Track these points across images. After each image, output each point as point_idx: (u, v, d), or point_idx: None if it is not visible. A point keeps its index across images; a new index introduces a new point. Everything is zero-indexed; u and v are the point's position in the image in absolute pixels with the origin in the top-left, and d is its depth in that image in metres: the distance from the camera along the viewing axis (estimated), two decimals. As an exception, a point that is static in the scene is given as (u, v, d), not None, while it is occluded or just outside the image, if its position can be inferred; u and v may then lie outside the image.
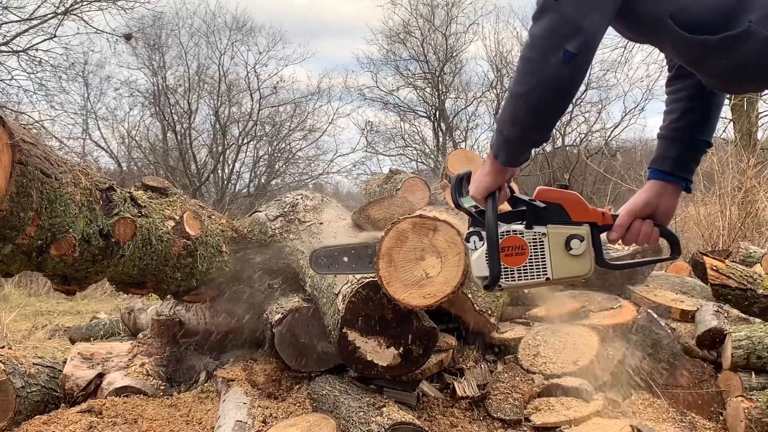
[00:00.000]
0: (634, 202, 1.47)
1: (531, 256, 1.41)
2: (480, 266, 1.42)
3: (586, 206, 1.43)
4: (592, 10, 1.19)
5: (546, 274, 1.42)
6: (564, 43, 1.18)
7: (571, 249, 1.41)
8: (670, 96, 1.48)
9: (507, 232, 1.41)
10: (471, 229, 1.45)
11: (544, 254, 1.41)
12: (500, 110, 1.34)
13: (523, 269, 1.42)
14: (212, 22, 18.11)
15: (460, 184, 1.47)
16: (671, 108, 1.47)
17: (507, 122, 1.30)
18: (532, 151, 1.39)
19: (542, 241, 1.41)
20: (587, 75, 1.44)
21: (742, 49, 1.16)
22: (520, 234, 1.41)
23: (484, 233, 1.41)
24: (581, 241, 1.41)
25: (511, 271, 1.42)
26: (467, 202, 1.46)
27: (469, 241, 1.44)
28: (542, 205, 1.42)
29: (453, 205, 1.52)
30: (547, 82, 1.23)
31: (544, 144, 1.48)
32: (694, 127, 1.44)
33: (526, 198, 1.45)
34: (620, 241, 1.47)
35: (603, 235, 1.46)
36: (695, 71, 1.31)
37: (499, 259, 1.40)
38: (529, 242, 1.41)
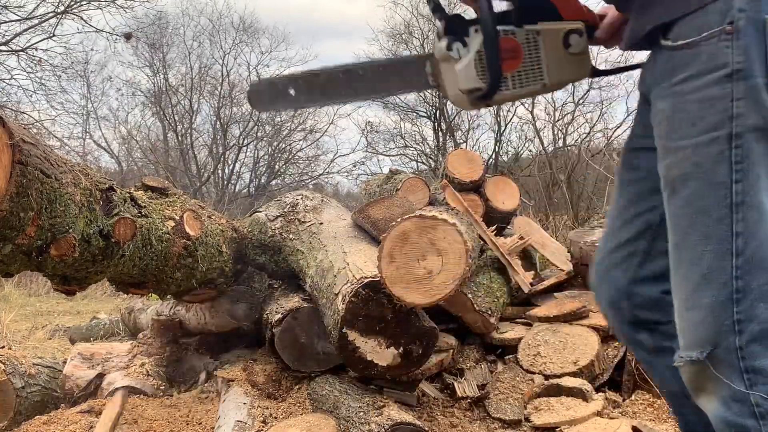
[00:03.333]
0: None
1: (525, 59, 1.23)
2: (469, 76, 1.21)
3: (578, 2, 1.28)
4: None
5: (542, 79, 1.25)
6: None
7: (570, 46, 1.25)
8: None
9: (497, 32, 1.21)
10: (449, 37, 1.24)
11: (539, 56, 1.24)
12: None
13: (518, 75, 1.23)
14: (218, 22, 18.13)
15: None
16: None
17: None
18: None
19: (536, 41, 1.24)
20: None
21: None
22: (512, 34, 1.22)
23: (468, 38, 1.21)
24: (581, 36, 1.25)
25: (503, 79, 1.22)
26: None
27: (451, 50, 1.22)
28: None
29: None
30: None
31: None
32: None
33: None
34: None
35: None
36: None
37: (499, 60, 1.19)
38: (523, 43, 1.23)
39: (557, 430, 2.29)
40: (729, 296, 1.03)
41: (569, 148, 14.81)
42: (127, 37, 13.61)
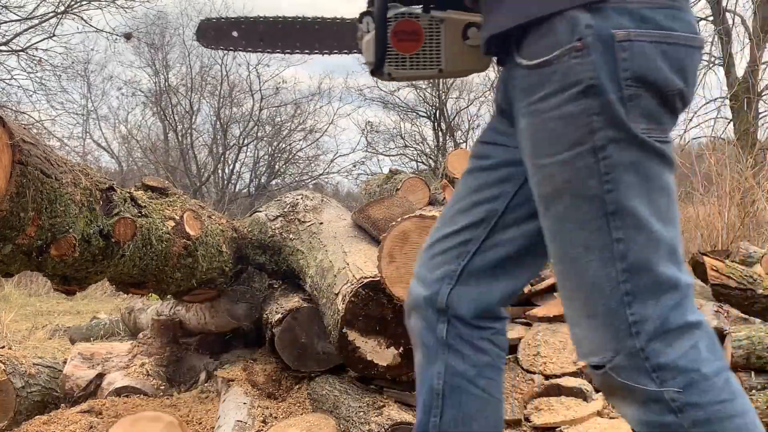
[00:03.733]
0: None
1: (425, 43, 1.28)
2: (369, 50, 1.29)
3: None
4: None
5: (439, 65, 1.30)
6: None
7: (468, 39, 1.28)
8: None
9: (402, 14, 1.27)
10: (366, 9, 1.31)
11: (439, 42, 1.28)
12: None
13: (416, 57, 1.28)
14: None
15: None
16: None
17: None
18: None
19: (438, 28, 1.28)
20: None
21: None
22: (415, 18, 1.28)
23: None
24: (479, 30, 1.25)
25: (402, 58, 1.28)
26: None
27: (362, 22, 1.31)
28: None
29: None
30: None
31: None
32: None
33: None
34: None
35: None
36: None
37: (385, 40, 1.26)
38: (425, 28, 1.28)
39: (557, 430, 2.29)
40: (620, 301, 1.04)
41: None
42: (127, 37, 13.62)
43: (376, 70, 1.29)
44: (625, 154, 1.03)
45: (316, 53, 1.63)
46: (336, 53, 1.63)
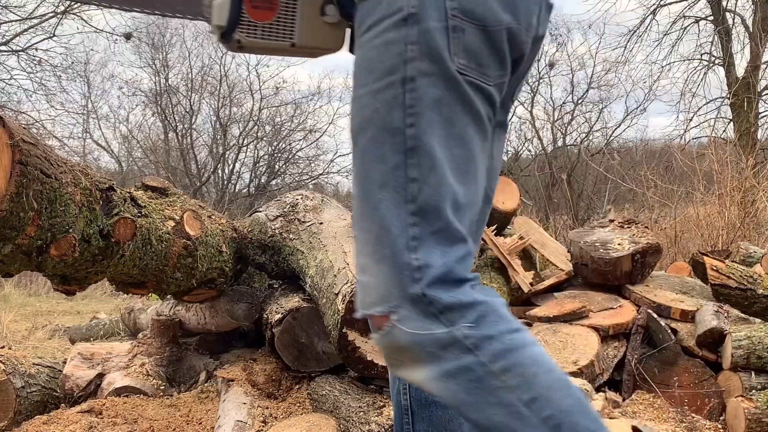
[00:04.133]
0: None
1: (280, 13, 1.22)
2: (221, 15, 1.21)
3: None
4: None
5: (292, 39, 1.23)
6: None
7: (325, 15, 1.23)
8: None
9: None
10: None
11: (294, 15, 1.23)
12: None
13: (269, 27, 1.22)
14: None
15: None
16: None
17: None
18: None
19: (295, 0, 1.23)
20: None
21: None
22: None
23: None
24: (337, 7, 1.22)
25: (254, 26, 1.22)
26: None
27: None
28: None
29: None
30: None
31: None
32: None
33: None
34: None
35: None
36: None
37: (239, 5, 1.19)
38: None
39: (557, 430, 2.28)
40: (405, 245, 0.99)
41: (569, 147, 14.83)
42: (127, 37, 13.62)
43: (226, 36, 1.23)
44: (433, 90, 0.99)
45: (158, 14, 1.56)
46: (179, 17, 1.55)
